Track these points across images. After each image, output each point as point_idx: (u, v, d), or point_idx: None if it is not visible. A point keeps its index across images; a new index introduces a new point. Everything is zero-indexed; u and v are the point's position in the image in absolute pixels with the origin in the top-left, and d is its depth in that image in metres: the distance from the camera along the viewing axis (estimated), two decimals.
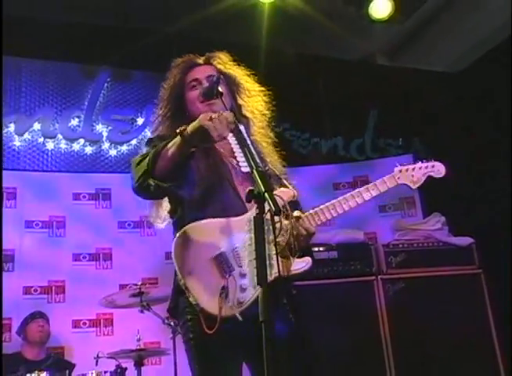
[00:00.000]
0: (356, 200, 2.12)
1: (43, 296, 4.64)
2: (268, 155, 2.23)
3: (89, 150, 5.26)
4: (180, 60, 2.34)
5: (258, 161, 1.77)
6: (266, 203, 1.63)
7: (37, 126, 5.13)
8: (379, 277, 4.18)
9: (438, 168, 2.22)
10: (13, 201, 4.79)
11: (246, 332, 1.82)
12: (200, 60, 2.34)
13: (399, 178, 2.19)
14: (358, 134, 5.89)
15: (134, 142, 5.37)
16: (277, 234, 1.81)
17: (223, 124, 1.90)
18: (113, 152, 5.32)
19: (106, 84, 5.44)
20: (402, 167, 2.21)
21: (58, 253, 4.77)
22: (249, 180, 2.00)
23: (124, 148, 5.36)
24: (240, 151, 1.91)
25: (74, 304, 4.64)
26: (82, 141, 5.25)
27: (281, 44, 5.37)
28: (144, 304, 3.84)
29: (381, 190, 2.16)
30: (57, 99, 5.28)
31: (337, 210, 2.10)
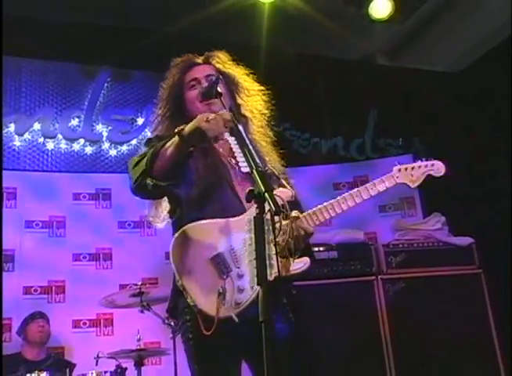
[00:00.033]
0: (355, 199, 2.10)
1: (43, 296, 4.64)
2: (266, 154, 2.23)
3: (89, 150, 5.26)
4: (179, 60, 2.34)
5: (258, 161, 1.77)
6: (266, 203, 1.63)
7: (37, 126, 5.13)
8: (379, 277, 4.18)
9: (438, 167, 2.20)
10: (13, 201, 4.80)
11: (245, 332, 1.82)
12: (199, 60, 2.34)
13: (398, 177, 2.17)
14: (358, 134, 5.89)
15: (134, 142, 5.37)
16: (276, 234, 1.80)
17: (220, 124, 1.91)
18: (113, 152, 5.32)
19: (106, 84, 5.44)
20: (401, 166, 2.19)
21: (58, 253, 4.77)
22: (248, 180, 2.00)
23: (124, 148, 5.36)
24: (240, 151, 1.91)
25: (74, 304, 4.64)
26: (82, 141, 5.25)
27: (281, 44, 5.36)
28: (144, 304, 3.84)
29: (380, 190, 2.13)
30: (57, 99, 5.28)
31: (336, 210, 2.08)
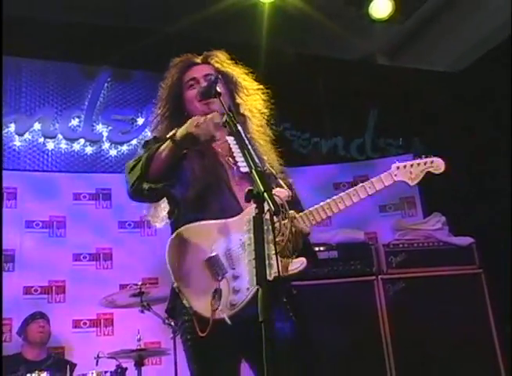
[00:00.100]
0: (352, 198, 2.08)
1: (43, 296, 4.64)
2: (264, 153, 2.22)
3: (89, 150, 5.26)
4: (178, 60, 2.34)
5: (257, 161, 1.77)
6: (265, 203, 1.63)
7: (37, 126, 5.13)
8: (379, 277, 4.17)
9: (437, 164, 2.16)
10: (13, 201, 4.80)
11: (242, 333, 1.83)
12: (198, 59, 2.34)
13: (396, 175, 2.13)
14: (358, 134, 5.89)
15: (134, 142, 5.37)
16: (276, 234, 1.80)
17: (210, 128, 1.94)
18: (113, 152, 5.32)
19: (107, 84, 5.44)
20: (400, 163, 2.16)
21: (58, 253, 4.77)
22: (246, 180, 2.01)
23: (125, 148, 5.36)
24: (239, 151, 1.91)
25: (75, 304, 4.64)
26: (82, 141, 5.25)
27: (281, 44, 5.36)
28: (144, 304, 3.84)
29: (378, 188, 2.10)
30: (57, 99, 5.28)
31: (333, 209, 2.06)
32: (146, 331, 4.04)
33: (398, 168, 2.14)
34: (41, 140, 5.13)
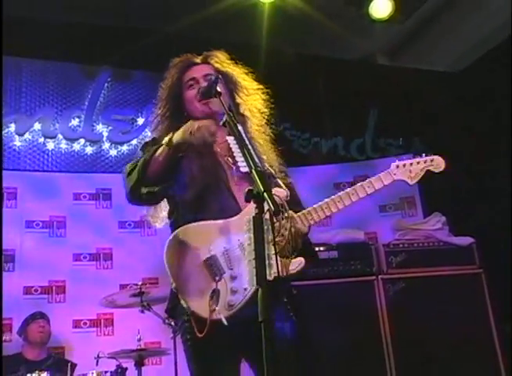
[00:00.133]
0: (351, 198, 2.05)
1: (43, 296, 4.65)
2: (264, 153, 2.21)
3: (90, 150, 5.27)
4: (178, 60, 2.34)
5: (257, 161, 1.77)
6: (265, 203, 1.63)
7: (37, 126, 5.13)
8: (379, 277, 4.17)
9: (437, 162, 2.13)
10: (14, 201, 4.80)
11: (241, 333, 1.83)
12: (198, 59, 2.34)
13: (395, 174, 2.11)
14: (358, 134, 5.89)
15: (134, 142, 5.37)
16: (275, 234, 1.80)
17: (204, 135, 1.99)
18: (113, 152, 5.32)
19: (107, 84, 5.44)
20: (400, 162, 2.13)
21: (58, 253, 4.77)
22: (245, 180, 2.01)
23: (125, 148, 5.36)
24: (239, 151, 1.92)
25: (75, 304, 4.64)
26: (83, 141, 5.26)
27: (281, 44, 5.37)
28: (144, 304, 3.84)
29: (377, 187, 2.08)
30: (57, 99, 5.28)
31: (331, 209, 2.04)
32: (146, 331, 4.04)
33: (398, 167, 2.12)
34: (42, 140, 5.13)
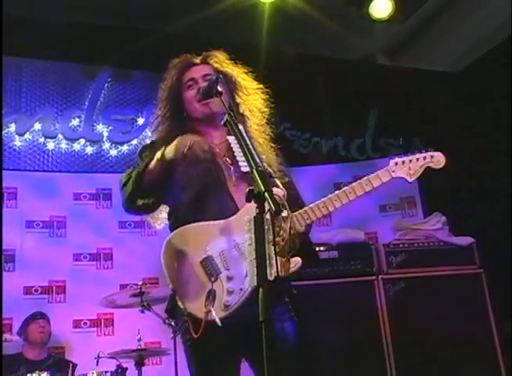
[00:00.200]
0: (348, 196, 2.02)
1: (44, 296, 4.65)
2: (263, 152, 2.20)
3: (90, 150, 5.27)
4: (177, 60, 2.34)
5: (258, 161, 1.77)
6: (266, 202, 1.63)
7: (37, 126, 5.14)
8: (379, 277, 4.17)
9: (438, 158, 2.09)
10: (14, 201, 4.80)
11: (242, 332, 1.83)
12: (197, 60, 2.33)
13: (394, 171, 2.07)
14: (358, 134, 5.89)
15: (134, 142, 5.37)
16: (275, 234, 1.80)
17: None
18: (113, 152, 5.32)
19: (107, 84, 5.44)
20: (398, 159, 2.09)
21: (58, 253, 4.77)
22: (243, 180, 2.02)
23: (125, 148, 5.36)
24: (240, 151, 1.91)
25: (75, 304, 4.65)
26: (83, 141, 5.26)
27: (281, 44, 5.37)
28: (145, 304, 3.84)
29: (375, 185, 2.04)
30: (58, 99, 5.29)
31: (329, 208, 2.01)
32: (147, 331, 4.04)
33: (397, 164, 2.09)
34: (42, 140, 5.13)
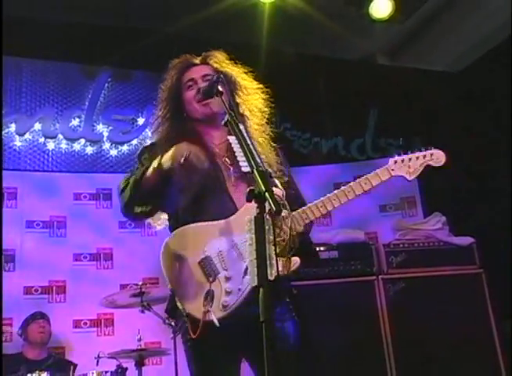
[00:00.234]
0: (347, 195, 2.00)
1: (44, 296, 4.65)
2: (263, 152, 2.18)
3: (90, 150, 5.27)
4: (176, 61, 2.33)
5: (259, 161, 1.77)
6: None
7: (37, 126, 5.14)
8: (379, 277, 4.17)
9: (438, 156, 2.08)
10: (14, 201, 4.80)
11: (242, 332, 1.83)
12: (197, 60, 2.33)
13: (393, 170, 2.06)
14: (358, 134, 5.89)
15: (135, 142, 5.38)
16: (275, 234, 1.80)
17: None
18: (113, 152, 5.32)
19: (107, 84, 5.44)
20: (398, 157, 2.08)
21: (59, 253, 4.77)
22: (242, 180, 2.02)
23: (125, 148, 5.36)
24: (240, 151, 1.91)
25: (75, 304, 4.65)
26: (83, 141, 5.26)
27: (281, 44, 5.37)
28: (145, 304, 3.84)
29: (374, 184, 2.03)
30: (58, 99, 5.29)
31: (327, 207, 2.00)
32: (147, 331, 4.04)
33: (396, 163, 2.08)
34: (42, 140, 5.13)
